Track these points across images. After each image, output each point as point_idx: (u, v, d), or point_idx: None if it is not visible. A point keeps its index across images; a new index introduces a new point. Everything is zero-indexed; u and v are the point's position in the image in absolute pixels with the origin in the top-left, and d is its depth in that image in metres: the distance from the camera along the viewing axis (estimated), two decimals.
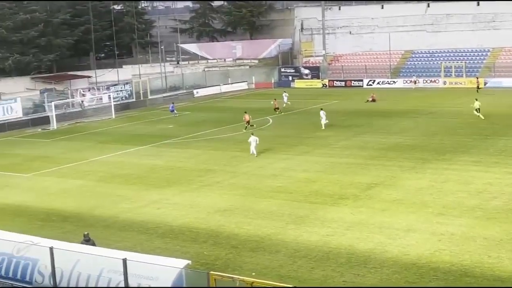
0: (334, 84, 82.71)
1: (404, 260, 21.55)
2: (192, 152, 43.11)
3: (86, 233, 21.88)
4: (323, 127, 48.64)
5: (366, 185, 31.47)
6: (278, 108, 59.23)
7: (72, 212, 29.74)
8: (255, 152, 39.78)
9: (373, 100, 64.61)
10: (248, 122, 49.68)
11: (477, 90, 66.41)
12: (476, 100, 50.92)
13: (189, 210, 29.08)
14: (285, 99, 63.53)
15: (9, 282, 18.85)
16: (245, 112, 50.88)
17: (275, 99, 60.89)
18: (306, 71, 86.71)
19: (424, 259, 21.47)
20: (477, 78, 72.16)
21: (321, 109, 49.88)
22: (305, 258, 22.26)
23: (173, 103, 64.61)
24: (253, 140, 39.93)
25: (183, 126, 55.37)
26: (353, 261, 21.70)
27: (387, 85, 78.25)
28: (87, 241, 21.25)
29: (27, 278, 18.72)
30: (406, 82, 77.83)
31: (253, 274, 20.31)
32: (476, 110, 49.92)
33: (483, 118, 49.03)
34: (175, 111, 62.33)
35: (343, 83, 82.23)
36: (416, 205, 27.88)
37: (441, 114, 54.25)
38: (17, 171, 39.81)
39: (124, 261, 16.57)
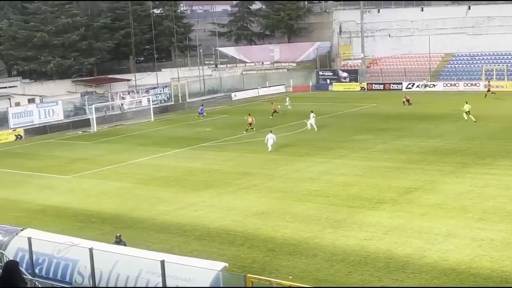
0: (373, 87, 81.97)
1: (443, 265, 21.27)
2: (229, 155, 43.26)
3: (118, 234, 22.46)
4: (309, 127, 50.12)
5: (405, 189, 31.15)
6: (275, 112, 59.31)
7: (111, 214, 30.09)
8: (271, 148, 41.51)
9: (407, 101, 63.84)
10: (250, 124, 49.95)
11: (485, 95, 65.22)
12: (466, 103, 50.52)
13: (226, 212, 29.17)
14: (288, 103, 65.73)
15: (50, 282, 19.08)
16: (249, 114, 51.15)
17: (272, 103, 61.14)
18: (344, 74, 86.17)
19: (463, 265, 21.16)
20: (489, 82, 70.68)
21: (312, 112, 51.10)
22: (342, 262, 22.13)
23: (202, 105, 66.50)
24: (270, 137, 41.87)
25: (220, 129, 55.60)
26: (392, 266, 21.50)
27: (427, 88, 77.24)
28: (118, 242, 21.68)
29: (67, 279, 18.93)
30: (446, 85, 76.87)
31: (290, 277, 20.28)
32: (466, 112, 49.79)
33: (474, 120, 49.29)
34: (204, 113, 63.66)
35: (382, 86, 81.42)
36: (455, 210, 27.49)
37: (481, 118, 53.32)
38: (57, 173, 40.44)
39: (162, 262, 16.68)
